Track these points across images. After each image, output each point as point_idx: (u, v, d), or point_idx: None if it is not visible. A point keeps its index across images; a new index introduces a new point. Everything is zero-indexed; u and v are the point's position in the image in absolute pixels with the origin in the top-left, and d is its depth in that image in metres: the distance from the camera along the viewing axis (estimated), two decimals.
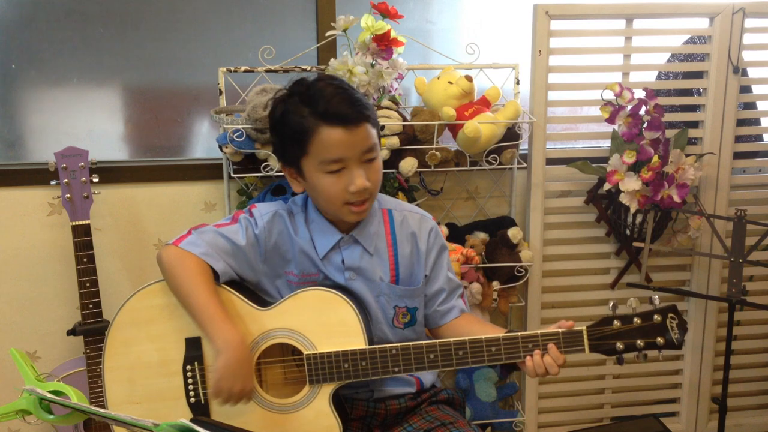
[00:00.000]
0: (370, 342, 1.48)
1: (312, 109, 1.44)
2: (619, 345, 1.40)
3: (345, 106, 1.44)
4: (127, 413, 1.47)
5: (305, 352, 1.47)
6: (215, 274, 1.49)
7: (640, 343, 1.39)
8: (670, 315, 1.40)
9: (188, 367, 1.49)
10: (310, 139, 1.44)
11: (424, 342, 1.45)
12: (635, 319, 1.40)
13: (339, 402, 1.51)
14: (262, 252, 1.54)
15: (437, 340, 1.46)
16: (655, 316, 1.40)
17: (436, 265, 1.63)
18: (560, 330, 1.42)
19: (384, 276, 1.57)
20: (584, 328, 1.41)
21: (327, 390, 1.47)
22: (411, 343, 1.45)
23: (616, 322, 1.40)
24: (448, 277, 1.64)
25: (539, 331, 1.42)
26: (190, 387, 1.49)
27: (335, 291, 1.49)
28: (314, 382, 1.46)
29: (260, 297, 1.57)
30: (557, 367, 1.41)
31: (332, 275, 1.55)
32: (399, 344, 1.46)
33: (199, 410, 1.48)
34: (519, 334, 1.42)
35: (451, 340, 1.44)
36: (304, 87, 1.49)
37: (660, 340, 1.39)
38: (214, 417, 1.48)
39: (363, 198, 1.48)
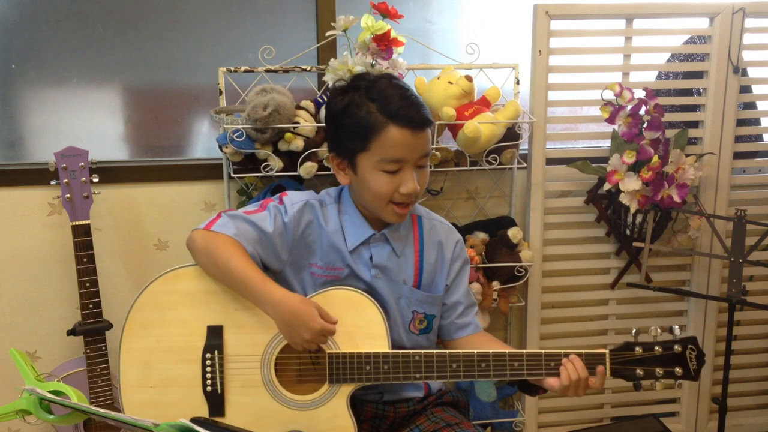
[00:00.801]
0: (393, 346, 1.49)
1: (381, 107, 1.44)
2: (639, 371, 1.43)
3: (414, 109, 1.45)
4: (139, 397, 1.49)
5: (327, 351, 1.47)
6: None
7: (659, 371, 1.43)
8: (689, 347, 1.43)
9: (208, 355, 1.48)
10: (375, 136, 1.44)
11: (447, 351, 1.47)
12: (656, 348, 1.43)
13: (353, 403, 1.51)
14: (290, 241, 1.54)
15: (461, 351, 1.47)
16: (676, 347, 1.43)
17: (458, 276, 1.65)
18: (583, 351, 1.45)
19: (407, 279, 1.59)
20: (607, 351, 1.44)
21: (346, 390, 1.48)
22: (434, 351, 1.47)
23: (637, 348, 1.43)
24: (467, 292, 1.67)
25: (563, 351, 1.45)
26: (208, 375, 1.48)
27: (363, 293, 1.49)
28: (334, 381, 1.47)
29: None
30: (585, 370, 1.42)
31: (359, 270, 1.55)
32: (422, 351, 1.47)
33: (215, 399, 1.48)
34: (542, 351, 1.45)
35: (475, 351, 1.46)
36: (368, 83, 1.49)
37: (678, 370, 1.43)
38: (229, 407, 1.48)
39: (409, 201, 1.50)
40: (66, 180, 1.97)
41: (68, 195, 1.97)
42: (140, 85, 2.27)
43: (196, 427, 0.99)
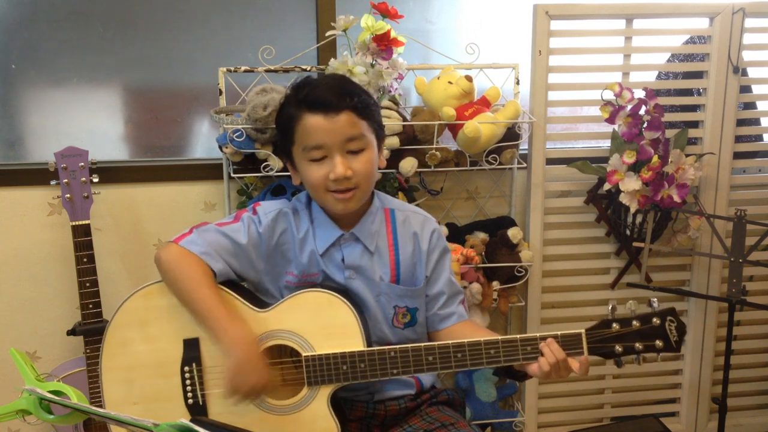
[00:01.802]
0: (369, 344, 1.48)
1: (297, 98, 1.48)
2: (618, 348, 1.40)
3: (327, 93, 1.46)
4: (124, 414, 1.48)
5: (304, 354, 1.47)
6: (213, 274, 1.49)
7: (638, 346, 1.40)
8: (668, 318, 1.40)
9: (186, 368, 1.48)
10: (295, 127, 1.48)
11: (422, 344, 1.45)
12: (634, 322, 1.40)
13: (337, 403, 1.50)
14: (264, 250, 1.54)
15: (435, 343, 1.46)
16: (654, 319, 1.40)
17: (437, 266, 1.62)
18: (559, 333, 1.42)
19: (384, 275, 1.57)
20: (583, 330, 1.42)
21: (325, 392, 1.47)
22: (409, 345, 1.45)
23: (615, 324, 1.41)
24: (450, 281, 1.64)
25: (538, 334, 1.43)
26: (188, 388, 1.48)
27: (334, 293, 1.49)
28: (313, 383, 1.46)
29: (258, 298, 1.56)
30: (562, 352, 1.40)
31: (332, 273, 1.55)
32: (397, 346, 1.45)
33: (197, 411, 1.48)
34: (518, 336, 1.43)
35: (450, 342, 1.45)
36: (300, 83, 1.52)
37: (659, 343, 1.40)
38: (212, 418, 1.48)
39: (345, 187, 1.48)
40: (66, 180, 1.97)
41: (68, 195, 1.97)
42: (140, 85, 2.27)
43: (196, 427, 0.99)
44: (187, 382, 1.48)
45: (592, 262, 2.39)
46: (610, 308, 1.42)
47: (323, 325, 1.48)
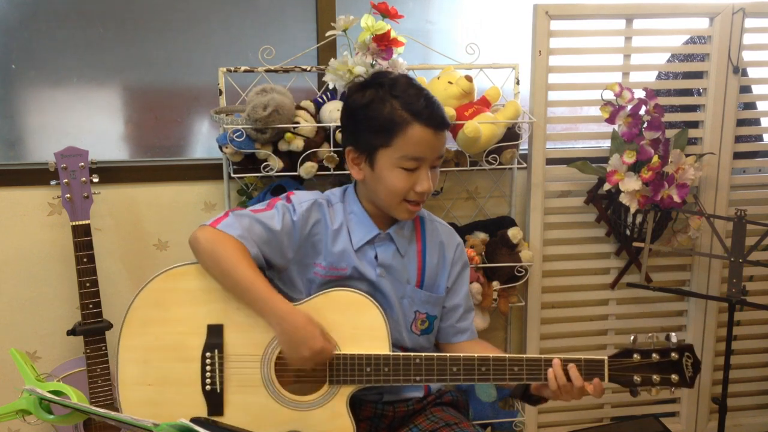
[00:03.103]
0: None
1: (405, 104, 1.47)
2: (637, 378, 1.45)
3: (438, 110, 1.50)
4: (137, 395, 1.49)
5: None
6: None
7: (656, 378, 1.45)
8: (686, 354, 1.45)
9: (208, 354, 1.48)
10: (399, 133, 1.47)
11: (447, 354, 1.48)
12: (654, 355, 1.45)
13: (352, 403, 1.51)
14: (297, 239, 1.54)
15: (461, 354, 1.48)
16: (673, 354, 1.45)
17: (458, 279, 1.66)
18: (582, 358, 1.46)
19: (411, 279, 1.60)
20: (606, 358, 1.46)
21: (346, 391, 1.48)
22: (435, 354, 1.48)
23: (635, 355, 1.45)
24: (467, 296, 1.68)
25: (562, 356, 1.46)
26: (208, 374, 1.48)
27: (365, 294, 1.50)
28: (334, 382, 1.48)
29: (285, 293, 1.57)
30: (581, 379, 1.44)
31: (364, 269, 1.56)
32: (423, 354, 1.48)
33: (214, 398, 1.48)
34: (542, 356, 1.46)
35: (475, 355, 1.47)
36: (390, 81, 1.52)
37: (674, 377, 1.45)
38: (228, 406, 1.48)
39: (422, 199, 1.53)
40: (66, 180, 1.97)
41: (68, 195, 1.97)
42: (140, 85, 2.26)
43: (196, 427, 0.99)
44: (207, 368, 1.48)
45: (592, 262, 2.39)
46: (632, 338, 1.47)
47: (352, 326, 1.49)
